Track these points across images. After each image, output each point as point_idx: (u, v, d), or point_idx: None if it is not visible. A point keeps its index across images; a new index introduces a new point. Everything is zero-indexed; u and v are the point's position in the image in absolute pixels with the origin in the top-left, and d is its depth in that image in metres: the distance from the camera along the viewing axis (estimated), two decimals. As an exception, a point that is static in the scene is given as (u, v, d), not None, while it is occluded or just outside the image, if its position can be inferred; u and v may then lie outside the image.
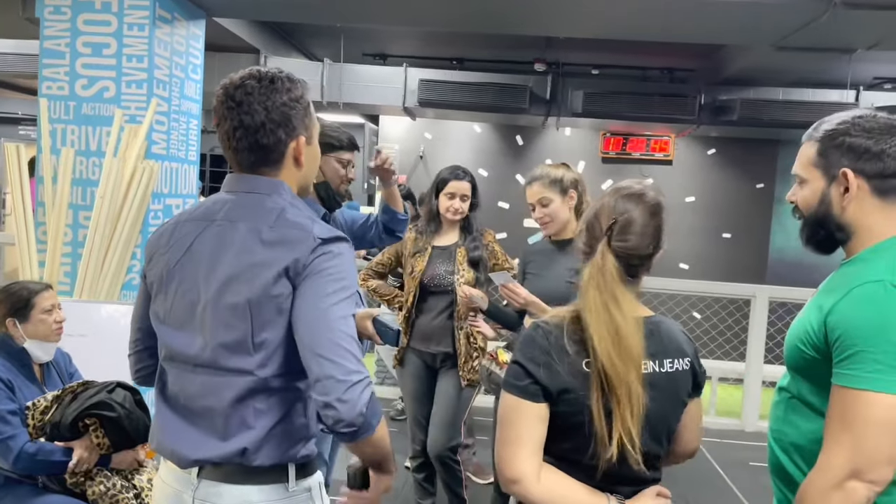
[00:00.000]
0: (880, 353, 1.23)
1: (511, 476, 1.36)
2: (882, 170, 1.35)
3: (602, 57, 6.49)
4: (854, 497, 1.24)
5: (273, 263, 1.30)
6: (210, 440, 1.34)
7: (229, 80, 1.39)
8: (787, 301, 5.74)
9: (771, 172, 7.41)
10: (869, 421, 1.23)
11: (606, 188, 1.52)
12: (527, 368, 1.36)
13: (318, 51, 7.26)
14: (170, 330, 1.40)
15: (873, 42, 4.53)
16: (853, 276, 1.33)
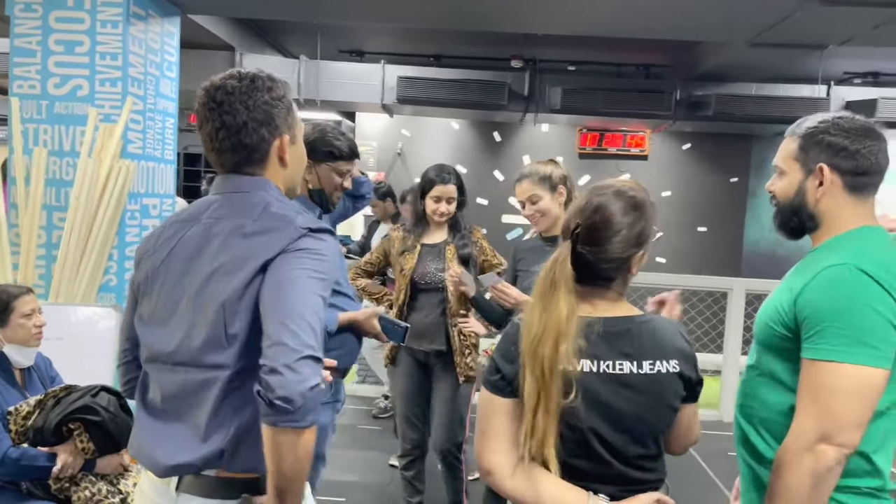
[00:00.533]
0: (845, 328, 1.35)
1: (486, 467, 1.40)
2: (855, 167, 1.47)
3: (578, 53, 6.53)
4: (824, 459, 1.35)
5: (254, 255, 1.28)
6: (189, 443, 1.31)
7: (210, 81, 1.37)
8: (763, 293, 5.83)
9: (745, 167, 7.51)
10: (836, 389, 1.35)
11: (584, 184, 1.51)
12: (497, 364, 1.40)
13: (293, 48, 7.20)
14: (152, 329, 1.38)
15: (845, 38, 4.61)
16: (820, 260, 1.44)
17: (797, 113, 5.99)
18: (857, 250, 1.42)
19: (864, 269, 1.37)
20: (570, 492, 1.37)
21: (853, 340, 1.34)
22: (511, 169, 7.60)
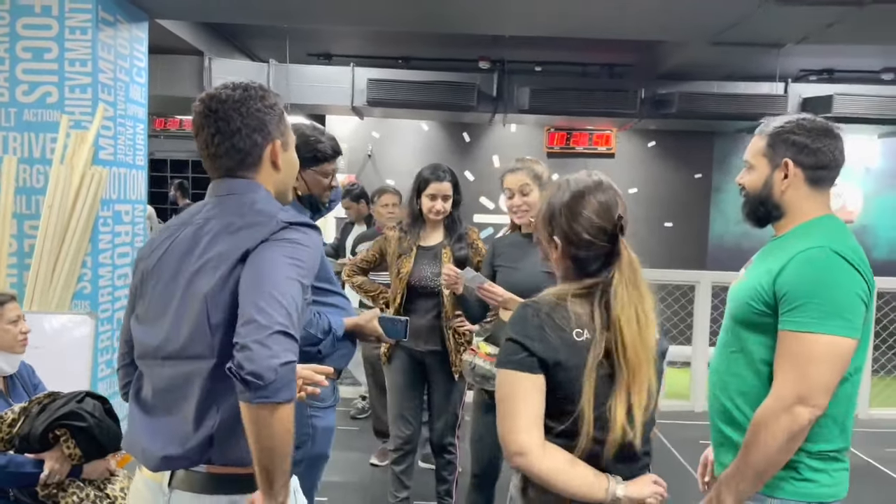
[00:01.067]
0: (822, 303, 1.52)
1: (516, 449, 1.39)
2: (816, 163, 1.65)
3: (544, 54, 6.63)
4: (799, 419, 1.52)
5: (236, 248, 1.34)
6: (177, 435, 1.35)
7: (205, 92, 1.45)
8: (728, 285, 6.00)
9: (708, 162, 7.70)
10: (811, 356, 1.52)
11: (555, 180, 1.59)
12: (522, 343, 1.41)
13: (261, 52, 7.19)
14: (144, 328, 1.44)
15: (801, 36, 4.78)
16: (794, 245, 1.60)
17: (757, 109, 6.23)
18: (827, 235, 1.59)
19: (837, 251, 1.55)
20: (595, 474, 1.43)
21: (828, 313, 1.51)
22: (481, 169, 7.70)
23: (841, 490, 1.63)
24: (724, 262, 7.49)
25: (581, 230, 1.45)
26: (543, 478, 1.41)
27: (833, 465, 1.62)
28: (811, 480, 1.60)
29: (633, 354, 1.40)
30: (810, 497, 1.60)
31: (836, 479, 1.62)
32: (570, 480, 1.40)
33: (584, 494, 1.41)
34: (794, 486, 1.60)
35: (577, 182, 1.51)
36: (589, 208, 1.46)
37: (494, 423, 2.81)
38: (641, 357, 1.40)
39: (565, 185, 1.52)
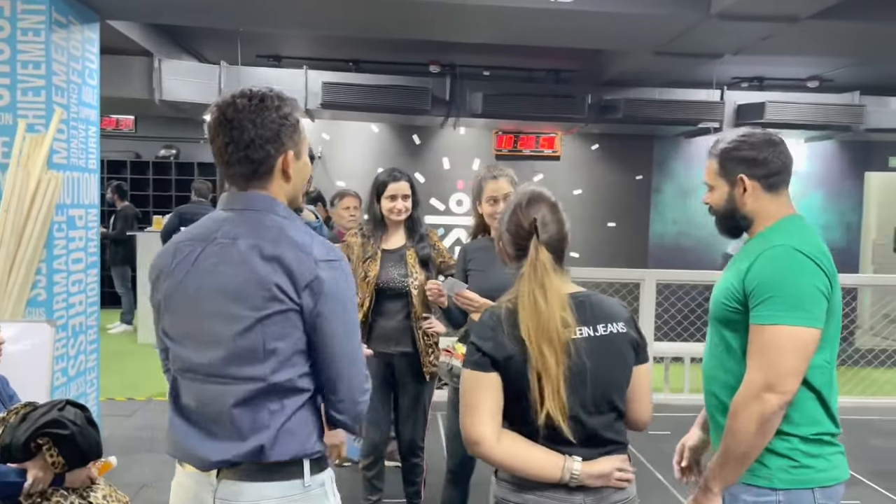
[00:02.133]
0: (785, 297, 1.65)
1: (473, 438, 1.61)
2: (767, 172, 1.79)
3: (493, 59, 6.78)
4: (768, 404, 1.64)
5: (276, 279, 1.40)
6: (228, 443, 1.43)
7: (222, 99, 1.48)
8: (670, 283, 6.30)
9: (648, 165, 8.01)
10: (776, 346, 1.64)
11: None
12: (477, 345, 1.63)
13: (210, 53, 7.11)
14: (179, 344, 1.49)
15: (738, 48, 5.07)
16: (761, 245, 1.74)
17: (696, 115, 6.52)
18: (789, 234, 1.74)
19: (797, 248, 1.69)
20: (549, 454, 1.61)
21: (791, 306, 1.64)
22: (431, 171, 7.80)
23: (841, 473, 1.74)
24: (664, 259, 7.82)
25: (505, 230, 1.73)
26: (500, 462, 1.62)
27: (827, 448, 1.72)
28: (808, 466, 1.70)
29: (528, 340, 1.56)
30: (812, 483, 1.69)
31: (834, 462, 1.73)
32: (525, 462, 1.60)
33: (538, 474, 1.60)
34: (793, 475, 1.70)
35: (518, 192, 1.78)
36: (514, 213, 1.71)
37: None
38: (539, 343, 1.56)
39: (511, 199, 1.79)
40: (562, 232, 1.71)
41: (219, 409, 1.44)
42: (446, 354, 2.77)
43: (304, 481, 1.47)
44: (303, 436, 1.47)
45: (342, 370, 1.47)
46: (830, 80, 7.13)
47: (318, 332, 1.44)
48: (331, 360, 1.46)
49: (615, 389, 1.66)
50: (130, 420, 5.09)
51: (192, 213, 7.06)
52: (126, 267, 8.30)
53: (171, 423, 1.52)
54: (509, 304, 1.64)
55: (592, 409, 1.62)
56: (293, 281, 1.41)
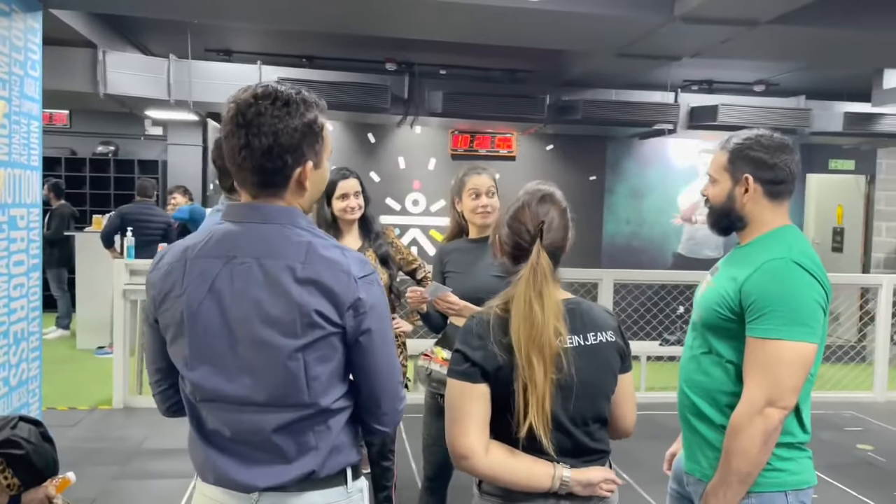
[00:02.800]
0: (786, 311, 1.63)
1: (460, 452, 1.53)
2: (773, 178, 1.77)
3: (450, 58, 6.72)
4: (771, 420, 1.63)
5: (316, 304, 1.30)
6: (272, 468, 1.35)
7: (244, 95, 1.34)
8: (627, 282, 6.38)
9: (601, 166, 8.10)
10: (779, 361, 1.63)
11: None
12: (465, 354, 1.55)
13: (156, 46, 6.82)
14: (202, 372, 1.35)
15: (697, 51, 5.15)
16: (758, 254, 1.72)
17: (652, 116, 6.60)
18: (788, 246, 1.71)
19: (798, 262, 1.67)
20: (537, 464, 1.55)
21: (792, 321, 1.62)
22: (386, 170, 7.69)
23: (810, 477, 1.76)
24: (617, 259, 7.92)
25: (507, 225, 1.63)
26: (488, 476, 1.55)
27: (797, 453, 1.74)
28: (781, 470, 1.71)
29: (518, 348, 1.50)
30: (785, 486, 1.71)
31: (803, 466, 1.75)
32: (513, 474, 1.53)
33: (528, 485, 1.54)
34: (766, 478, 1.70)
35: (529, 188, 1.68)
36: (522, 209, 1.62)
37: (447, 428, 2.86)
38: (529, 352, 1.50)
39: (519, 195, 1.67)
40: (565, 239, 1.65)
41: (258, 436, 1.34)
42: (425, 359, 2.68)
43: (347, 488, 1.42)
44: (348, 448, 1.42)
45: (386, 383, 1.41)
46: (776, 84, 7.35)
47: (362, 348, 1.37)
48: (375, 374, 1.40)
49: (602, 399, 1.62)
50: (74, 430, 4.84)
51: (135, 213, 6.78)
52: (62, 269, 7.91)
53: (198, 448, 1.40)
54: (498, 310, 1.57)
55: (579, 419, 1.57)
56: (335, 303, 1.32)
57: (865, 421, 5.54)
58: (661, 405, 4.43)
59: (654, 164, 8.11)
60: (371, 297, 1.36)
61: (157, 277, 1.39)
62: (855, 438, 5.09)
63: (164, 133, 9.57)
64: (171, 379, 1.46)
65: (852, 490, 4.09)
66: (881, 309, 6.16)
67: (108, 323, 6.74)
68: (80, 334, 7.40)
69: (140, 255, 5.95)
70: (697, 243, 8.26)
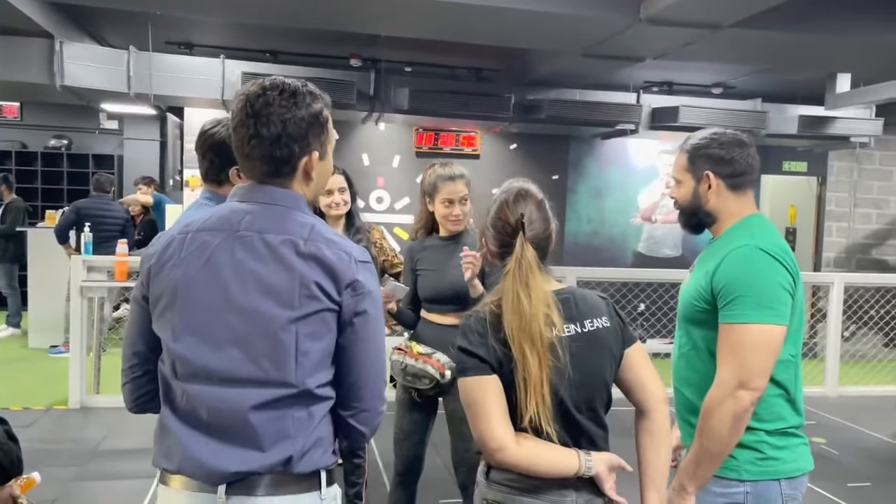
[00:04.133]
0: (752, 295, 1.68)
1: (493, 445, 1.54)
2: (732, 171, 1.84)
3: (415, 55, 6.72)
4: (742, 402, 1.68)
5: (316, 277, 1.32)
6: (247, 452, 1.31)
7: (252, 87, 1.38)
8: (589, 279, 6.46)
9: (564, 165, 8.18)
10: (747, 344, 1.68)
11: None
12: (472, 351, 1.58)
13: (115, 38, 6.64)
14: (188, 344, 1.34)
15: (661, 52, 5.25)
16: (725, 245, 1.79)
17: (616, 117, 6.70)
18: (752, 234, 1.77)
19: (762, 248, 1.73)
20: (563, 451, 1.57)
21: (759, 305, 1.68)
22: (351, 167, 7.56)
23: (805, 463, 1.81)
24: (579, 257, 8.01)
25: (490, 226, 1.68)
26: (524, 466, 1.55)
27: (792, 440, 1.79)
28: (775, 458, 1.75)
29: (511, 340, 1.53)
30: (778, 474, 1.75)
31: (798, 453, 1.79)
32: (549, 461, 1.55)
33: (559, 471, 1.56)
34: (760, 466, 1.75)
35: (505, 188, 1.73)
36: (501, 209, 1.66)
37: (420, 422, 2.89)
38: (522, 343, 1.53)
39: (497, 193, 1.73)
40: (548, 230, 1.69)
41: (236, 416, 1.32)
42: (398, 353, 2.68)
43: (322, 493, 1.39)
44: (326, 446, 1.39)
45: (369, 376, 1.40)
46: (733, 87, 7.53)
47: (354, 331, 1.36)
48: (360, 363, 1.38)
49: (603, 384, 1.65)
50: (29, 431, 4.69)
51: (92, 208, 6.62)
52: (14, 265, 7.66)
53: (167, 431, 1.37)
54: (493, 307, 1.60)
55: (584, 406, 1.60)
56: (335, 279, 1.34)
57: (818, 415, 5.71)
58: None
59: (615, 164, 8.23)
60: (369, 281, 1.38)
61: (155, 249, 1.40)
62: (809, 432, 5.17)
63: (119, 127, 9.35)
64: (148, 364, 1.43)
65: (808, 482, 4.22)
66: (832, 306, 6.37)
67: (61, 321, 6.55)
68: (32, 333, 7.18)
69: (98, 252, 5.81)
70: (657, 242, 8.41)
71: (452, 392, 2.66)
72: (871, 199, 8.77)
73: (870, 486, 4.23)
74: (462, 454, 2.69)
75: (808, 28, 4.63)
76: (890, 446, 5.04)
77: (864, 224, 8.78)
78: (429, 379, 2.57)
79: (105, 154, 9.59)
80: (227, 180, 2.06)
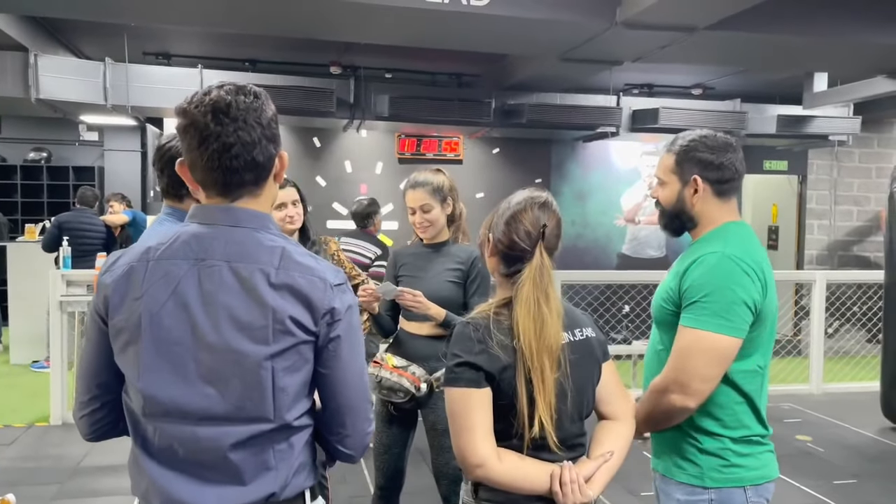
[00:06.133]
0: (710, 303, 1.68)
1: (474, 461, 1.51)
2: (720, 177, 1.81)
3: (395, 62, 6.72)
4: (669, 402, 1.72)
5: (291, 311, 1.27)
6: (228, 488, 1.28)
7: (212, 95, 1.28)
8: (574, 283, 6.46)
9: (546, 168, 8.19)
10: (691, 349, 1.70)
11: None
12: (468, 361, 1.53)
13: (91, 49, 6.59)
14: (160, 383, 1.26)
15: (638, 55, 5.27)
16: (700, 249, 1.78)
17: (596, 120, 6.71)
18: (725, 241, 1.76)
19: (730, 256, 1.71)
20: (543, 465, 1.55)
21: (714, 313, 1.68)
22: (333, 174, 7.62)
23: (771, 471, 1.80)
24: (562, 260, 7.73)
25: (506, 229, 1.63)
26: (504, 483, 1.53)
27: (757, 448, 1.78)
28: (739, 465, 1.75)
29: (529, 350, 1.51)
30: (742, 481, 1.75)
31: (763, 461, 1.79)
32: (527, 478, 1.53)
33: (539, 488, 1.53)
34: (724, 473, 1.74)
35: (525, 197, 1.69)
36: (521, 214, 1.63)
37: (399, 434, 2.86)
38: (541, 351, 1.52)
39: (511, 200, 1.70)
40: (557, 247, 1.68)
41: (214, 454, 1.27)
42: (374, 366, 2.66)
43: None
44: (308, 468, 1.36)
45: (352, 400, 1.35)
46: (713, 88, 7.58)
47: (330, 356, 1.31)
48: (342, 388, 1.34)
49: (592, 392, 1.66)
50: (10, 450, 4.63)
51: (73, 221, 6.54)
52: (-8, 281, 7.58)
53: (142, 471, 1.31)
54: (494, 314, 1.57)
55: (576, 415, 1.61)
56: (311, 309, 1.28)
57: (803, 412, 5.74)
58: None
59: (598, 166, 8.25)
60: (344, 305, 1.33)
61: (111, 279, 1.30)
62: (794, 430, 5.27)
63: (100, 138, 9.26)
64: (109, 395, 1.36)
65: (794, 481, 4.23)
66: (815, 304, 6.41)
67: (43, 336, 6.48)
68: (13, 348, 7.09)
69: (78, 266, 5.74)
70: (640, 243, 8.43)
71: (429, 405, 2.65)
72: (852, 197, 8.83)
73: (856, 482, 4.24)
74: (442, 467, 2.67)
75: (784, 29, 4.66)
76: (875, 443, 5.06)
77: (845, 221, 8.85)
78: (404, 392, 2.55)
79: (85, 166, 9.49)
80: (188, 195, 2.01)
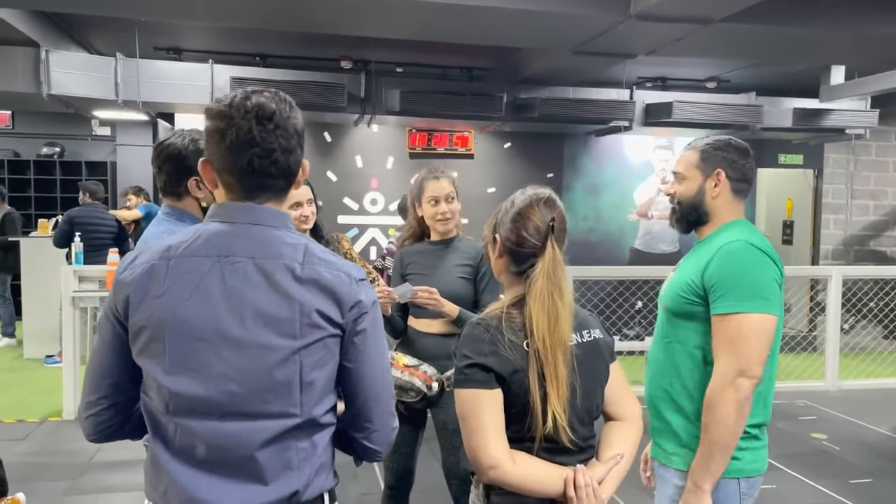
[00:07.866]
0: (744, 287, 1.76)
1: (488, 463, 1.48)
2: (741, 177, 1.94)
3: (406, 56, 6.68)
4: (743, 389, 1.73)
5: (318, 304, 1.28)
6: (249, 487, 1.27)
7: (253, 100, 1.29)
8: (586, 278, 6.42)
9: (559, 163, 8.14)
10: (742, 333, 1.74)
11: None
12: (479, 363, 1.51)
13: (102, 45, 6.60)
14: (186, 380, 1.25)
15: (652, 48, 5.20)
16: (717, 242, 1.86)
17: (609, 114, 6.65)
18: (742, 232, 1.87)
19: (752, 243, 1.82)
20: (555, 468, 1.54)
21: (751, 295, 1.75)
22: (344, 169, 7.60)
23: (762, 465, 1.86)
24: (574, 254, 7.75)
25: (513, 226, 1.60)
26: (517, 485, 1.50)
27: (754, 442, 1.84)
28: (736, 458, 1.79)
29: (542, 345, 1.49)
30: (738, 473, 1.81)
31: (758, 455, 1.85)
32: (539, 481, 1.51)
33: (552, 490, 1.52)
34: None
35: (526, 194, 1.67)
36: (528, 210, 1.61)
37: (409, 434, 2.84)
38: (555, 348, 1.49)
39: (514, 199, 1.68)
40: (565, 238, 1.66)
41: (241, 451, 1.26)
42: None
43: None
44: (328, 469, 1.36)
45: (379, 394, 1.36)
46: (727, 81, 7.49)
47: (358, 351, 1.33)
48: (368, 383, 1.35)
49: (601, 394, 1.64)
50: (23, 444, 4.65)
51: (84, 216, 6.56)
52: (7, 275, 7.62)
53: (161, 470, 1.29)
54: (505, 314, 1.55)
55: (586, 417, 1.59)
56: (338, 302, 1.30)
57: (818, 410, 5.68)
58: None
59: (611, 160, 8.19)
60: (370, 300, 1.34)
61: (131, 277, 1.29)
62: (809, 427, 5.22)
63: (112, 133, 9.29)
64: (118, 397, 1.34)
65: (809, 479, 4.18)
66: (831, 299, 6.33)
67: (56, 331, 6.51)
68: (27, 343, 7.14)
69: (90, 261, 5.75)
70: (654, 238, 8.37)
71: (440, 404, 2.62)
72: (868, 191, 8.72)
73: (872, 481, 4.19)
74: (453, 466, 2.65)
75: (800, 21, 4.59)
76: (892, 441, 5.00)
77: (862, 216, 8.74)
78: (416, 392, 2.53)
79: (98, 161, 9.54)
80: (186, 192, 2.01)
